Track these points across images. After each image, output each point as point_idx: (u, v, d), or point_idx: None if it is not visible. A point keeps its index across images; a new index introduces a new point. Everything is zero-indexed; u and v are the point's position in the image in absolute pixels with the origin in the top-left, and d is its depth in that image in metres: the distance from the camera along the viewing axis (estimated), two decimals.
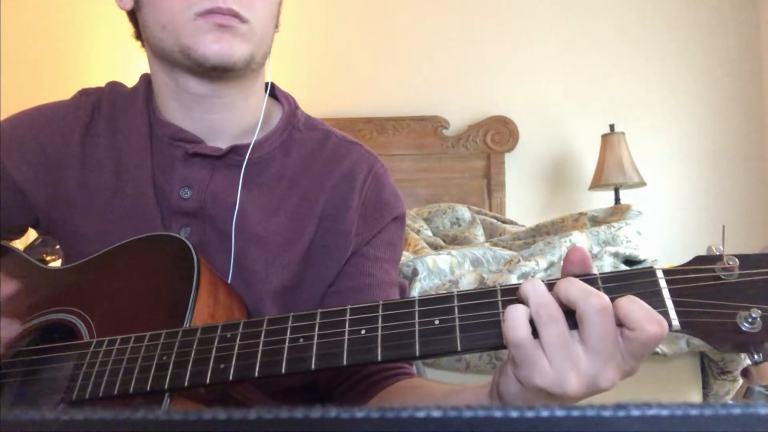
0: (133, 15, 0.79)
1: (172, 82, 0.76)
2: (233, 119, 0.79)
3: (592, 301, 0.46)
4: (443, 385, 0.69)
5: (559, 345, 0.46)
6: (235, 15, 0.69)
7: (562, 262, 0.53)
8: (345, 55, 3.16)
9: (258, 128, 0.80)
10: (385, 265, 0.80)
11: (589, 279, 0.49)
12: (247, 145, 0.78)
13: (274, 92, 0.87)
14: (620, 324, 0.47)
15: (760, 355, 0.45)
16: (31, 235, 2.09)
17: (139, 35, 0.80)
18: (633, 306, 0.46)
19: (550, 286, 0.49)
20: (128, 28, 0.81)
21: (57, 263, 1.92)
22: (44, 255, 2.04)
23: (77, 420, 0.20)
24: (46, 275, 0.76)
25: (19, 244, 2.21)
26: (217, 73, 0.73)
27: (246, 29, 0.71)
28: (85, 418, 0.20)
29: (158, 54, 0.75)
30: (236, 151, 0.78)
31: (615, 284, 0.49)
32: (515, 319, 0.47)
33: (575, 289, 0.47)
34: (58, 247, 2.01)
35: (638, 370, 0.48)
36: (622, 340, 0.47)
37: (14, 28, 3.07)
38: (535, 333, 0.47)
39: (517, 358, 0.47)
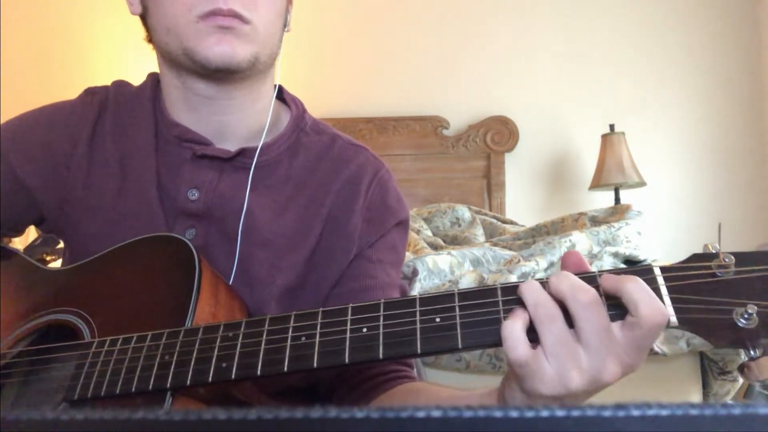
0: (145, 19, 0.79)
1: (181, 84, 0.77)
2: (241, 121, 0.79)
3: (579, 296, 0.46)
4: (446, 390, 0.68)
5: (560, 343, 0.47)
6: (237, 16, 0.69)
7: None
8: (345, 55, 3.16)
9: (265, 131, 0.81)
10: (387, 268, 0.80)
11: (588, 277, 0.50)
12: (255, 148, 0.78)
13: (282, 95, 0.87)
14: (620, 310, 0.47)
15: (757, 351, 0.46)
16: (31, 235, 2.09)
17: (150, 38, 0.81)
18: (637, 292, 0.46)
19: (543, 284, 0.49)
20: (141, 32, 0.82)
21: (57, 263, 1.92)
22: (44, 255, 2.04)
23: (77, 420, 0.20)
24: (46, 275, 0.75)
25: (19, 244, 2.21)
26: (222, 75, 0.73)
27: (248, 30, 0.71)
28: (85, 418, 0.20)
29: (165, 57, 0.76)
30: (244, 153, 0.78)
31: None
32: (513, 339, 0.47)
33: (564, 285, 0.47)
34: (58, 246, 2.01)
35: (640, 366, 0.48)
36: (622, 330, 0.47)
37: (17, 28, 3.07)
38: (532, 337, 0.48)
39: (520, 375, 0.48)
